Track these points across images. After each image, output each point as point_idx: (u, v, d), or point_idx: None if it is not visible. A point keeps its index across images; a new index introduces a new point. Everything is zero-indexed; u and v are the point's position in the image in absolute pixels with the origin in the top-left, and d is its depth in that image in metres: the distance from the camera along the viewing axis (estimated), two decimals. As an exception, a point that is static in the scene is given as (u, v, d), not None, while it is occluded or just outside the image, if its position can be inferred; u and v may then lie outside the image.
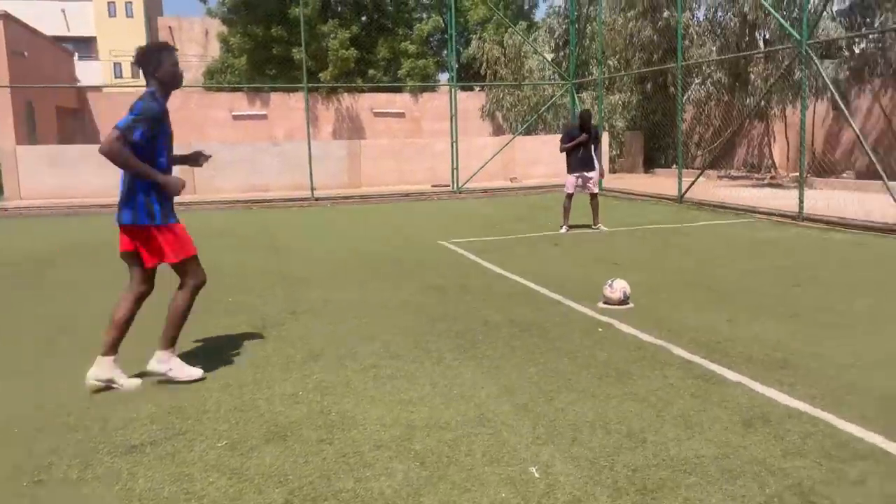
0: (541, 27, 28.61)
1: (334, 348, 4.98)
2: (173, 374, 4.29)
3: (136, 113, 4.01)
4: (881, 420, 3.51)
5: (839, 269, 7.32)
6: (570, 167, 10.75)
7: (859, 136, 10.84)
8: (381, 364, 4.60)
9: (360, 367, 4.55)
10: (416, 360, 4.67)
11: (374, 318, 5.80)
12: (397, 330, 5.44)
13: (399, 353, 4.85)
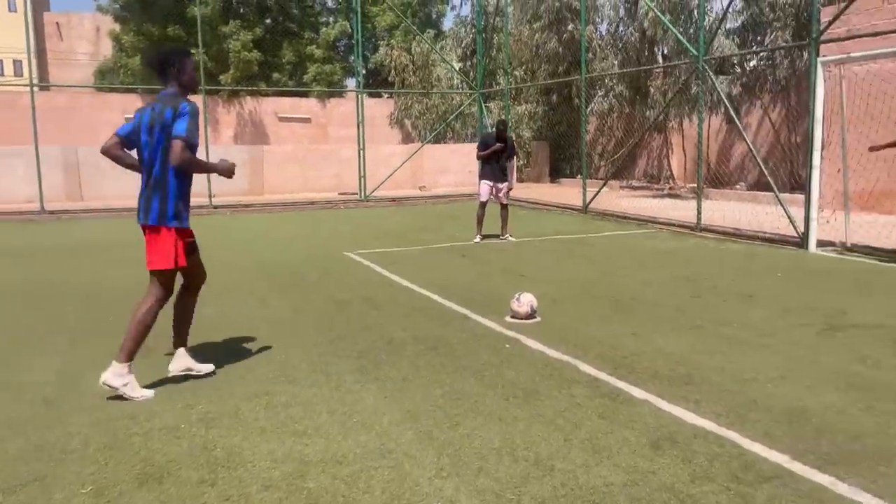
0: (448, 36, 28.70)
1: (224, 372, 4.61)
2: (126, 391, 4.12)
3: (189, 115, 4.11)
4: (785, 438, 3.49)
5: (735, 280, 7.50)
6: (483, 176, 10.68)
7: (752, 149, 11.28)
8: (274, 390, 4.27)
9: (252, 394, 4.20)
10: (314, 385, 4.36)
11: (271, 337, 5.44)
12: (296, 350, 5.11)
13: (296, 376, 4.53)
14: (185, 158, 4.09)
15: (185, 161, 4.10)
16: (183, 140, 4.06)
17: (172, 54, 4.32)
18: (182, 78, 4.30)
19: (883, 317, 5.84)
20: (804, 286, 7.15)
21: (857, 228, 9.50)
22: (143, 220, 4.22)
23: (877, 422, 3.67)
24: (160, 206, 4.17)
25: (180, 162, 4.08)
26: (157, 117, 4.15)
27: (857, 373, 4.45)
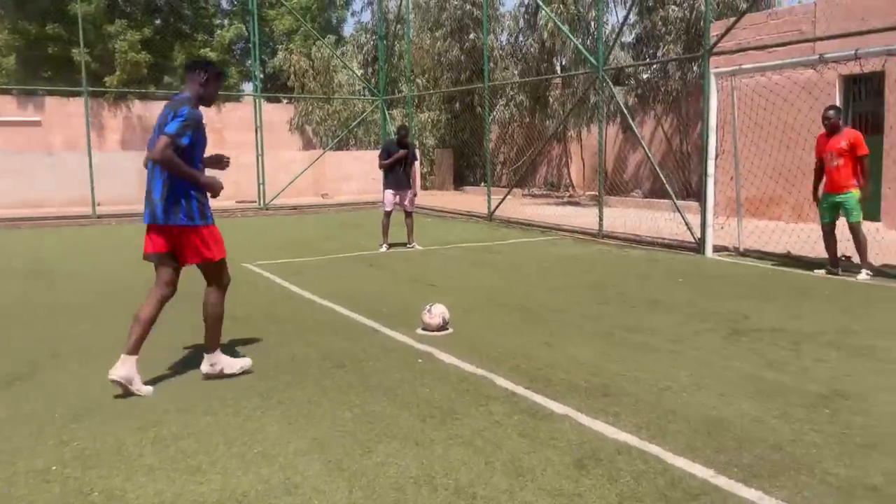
0: (349, 42, 28.29)
1: (106, 401, 4.13)
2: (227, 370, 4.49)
3: (184, 117, 4.16)
4: (707, 450, 3.42)
5: (640, 286, 7.57)
6: (387, 184, 10.42)
7: (651, 158, 11.57)
8: (164, 420, 3.85)
9: (138, 426, 3.76)
10: (208, 412, 3.96)
11: (160, 359, 4.96)
12: (188, 373, 4.67)
13: (188, 403, 4.11)
14: (166, 155, 4.10)
15: (165, 158, 4.10)
16: (168, 136, 4.10)
17: (209, 67, 4.49)
18: (204, 88, 4.42)
19: (782, 320, 6.00)
20: (705, 291, 7.30)
21: (748, 234, 9.87)
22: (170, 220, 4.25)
23: (792, 429, 3.67)
24: (186, 206, 4.27)
25: (159, 157, 4.10)
26: (162, 119, 4.27)
27: (765, 378, 4.49)
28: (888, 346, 5.16)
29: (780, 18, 12.52)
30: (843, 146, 7.74)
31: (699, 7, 14.99)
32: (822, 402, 4.04)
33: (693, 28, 15.40)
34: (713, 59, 9.82)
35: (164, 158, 4.11)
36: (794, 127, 11.15)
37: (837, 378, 4.47)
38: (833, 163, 7.82)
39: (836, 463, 3.25)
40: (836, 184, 7.83)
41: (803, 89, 11.44)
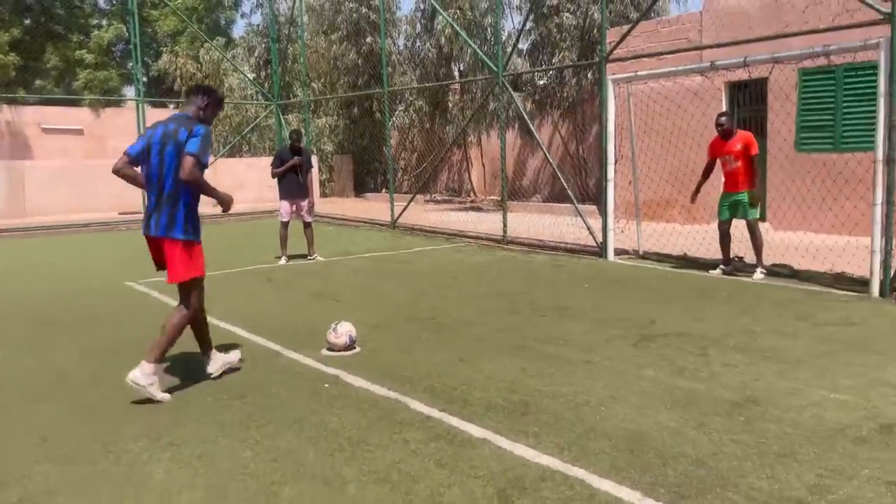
0: (239, 45, 27.32)
1: (-37, 455, 3.58)
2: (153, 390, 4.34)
3: (202, 135, 4.41)
4: (631, 470, 3.30)
5: (548, 293, 7.52)
6: (282, 194, 9.95)
7: (552, 162, 11.67)
8: (33, 472, 3.37)
9: (1, 481, 3.26)
10: (89, 459, 3.51)
11: (26, 397, 4.42)
12: (60, 412, 4.17)
13: (63, 449, 3.64)
14: (196, 175, 4.34)
15: (195, 177, 4.35)
16: (194, 157, 4.32)
17: (208, 91, 4.74)
18: (205, 111, 4.65)
19: (687, 323, 6.07)
20: (611, 296, 7.33)
21: (646, 237, 10.09)
22: (162, 232, 4.44)
23: (711, 440, 3.62)
24: (183, 221, 4.46)
25: (189, 177, 4.32)
26: (172, 136, 4.42)
27: (679, 386, 4.46)
28: (789, 347, 5.28)
29: (669, 27, 12.96)
30: (738, 148, 8.00)
31: (592, 15, 15.33)
32: (735, 410, 4.03)
33: (587, 35, 15.73)
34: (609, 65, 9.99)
35: (193, 178, 4.34)
36: (685, 131, 11.53)
37: (747, 383, 4.50)
38: (731, 165, 8.07)
39: (759, 476, 3.21)
40: (735, 182, 8.09)
41: (694, 95, 11.88)
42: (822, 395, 4.25)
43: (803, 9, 10.16)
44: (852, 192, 9.91)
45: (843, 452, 3.43)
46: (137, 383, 4.26)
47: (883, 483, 3.11)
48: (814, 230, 10.82)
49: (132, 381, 4.26)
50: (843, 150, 10.88)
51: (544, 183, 19.00)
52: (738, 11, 11.92)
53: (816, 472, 3.23)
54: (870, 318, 6.14)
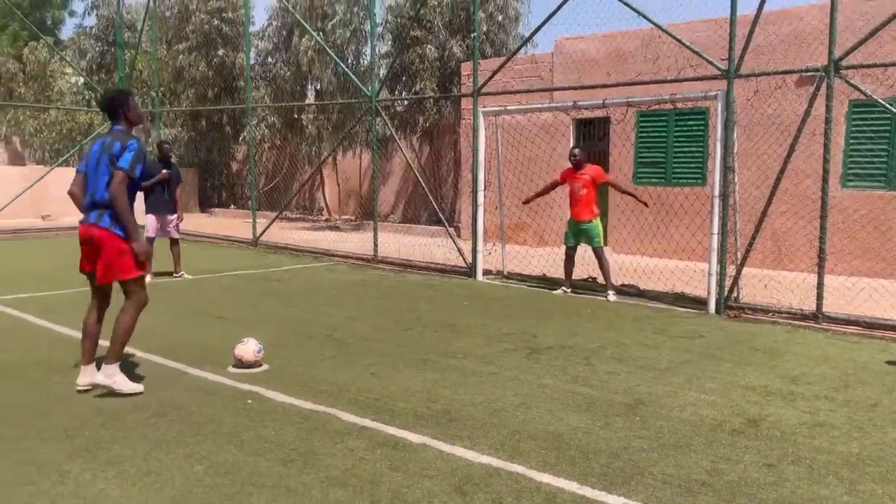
0: (69, 46, 25.42)
1: None
2: (118, 386, 4.65)
3: (135, 150, 4.62)
4: (562, 464, 3.74)
5: (432, 310, 7.89)
6: (148, 208, 9.55)
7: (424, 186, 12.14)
8: (-31, 499, 3.19)
9: (-64, 511, 3.07)
10: (26, 481, 3.36)
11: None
12: (-29, 438, 3.90)
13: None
14: (121, 191, 4.54)
15: (120, 195, 4.54)
16: (125, 172, 4.56)
17: (121, 95, 4.91)
18: (129, 114, 4.85)
19: (565, 337, 6.70)
20: (490, 313, 7.85)
21: (507, 258, 10.81)
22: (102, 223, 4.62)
23: (618, 437, 4.16)
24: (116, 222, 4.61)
25: (115, 191, 4.53)
26: (107, 148, 4.67)
27: (578, 392, 5.01)
28: (655, 356, 6.04)
29: (523, 64, 13.98)
30: (587, 178, 8.87)
31: (451, 48, 16.11)
32: (631, 411, 4.63)
33: (445, 66, 16.48)
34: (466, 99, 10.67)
35: (117, 194, 4.52)
36: (535, 161, 12.49)
37: (632, 388, 5.14)
38: (579, 192, 8.90)
39: (666, 465, 3.77)
40: (581, 211, 8.92)
41: (542, 129, 12.92)
42: (694, 396, 4.97)
43: (654, 59, 11.46)
44: (681, 223, 11.27)
45: (725, 443, 4.10)
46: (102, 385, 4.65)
47: (763, 465, 3.78)
48: (649, 255, 12.16)
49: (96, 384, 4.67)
50: (673, 184, 12.34)
51: (399, 204, 19.48)
52: (586, 56, 13.15)
53: (710, 459, 3.85)
54: (713, 331, 7.13)
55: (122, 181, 4.55)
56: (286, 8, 17.15)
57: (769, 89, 10.50)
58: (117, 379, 4.68)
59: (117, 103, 4.87)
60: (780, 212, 10.18)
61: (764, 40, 10.22)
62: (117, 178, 4.55)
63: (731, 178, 7.93)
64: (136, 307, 4.79)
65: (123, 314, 4.75)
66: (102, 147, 4.72)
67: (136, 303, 4.79)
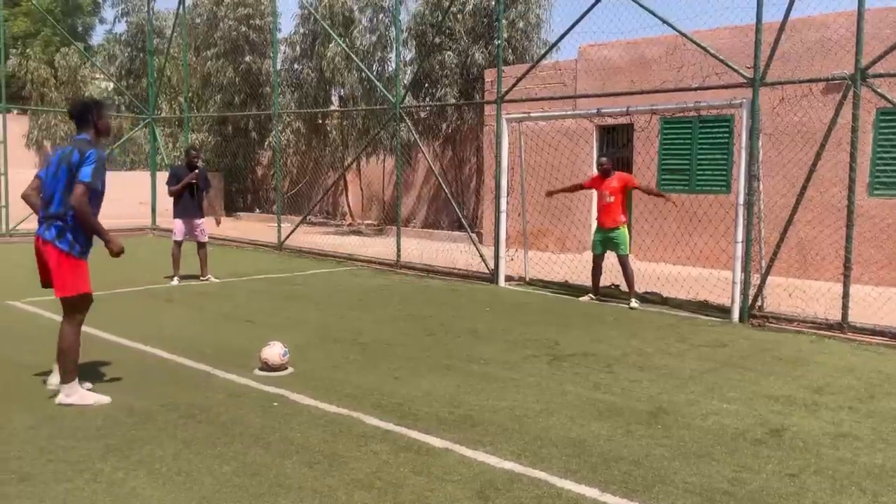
0: (99, 52, 25.92)
1: (-85, 480, 3.42)
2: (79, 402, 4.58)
3: (95, 161, 4.53)
4: (584, 471, 3.78)
5: (455, 316, 7.95)
6: (177, 213, 9.74)
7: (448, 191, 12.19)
8: (7, 493, 3.30)
9: (-23, 506, 3.19)
10: (61, 479, 3.47)
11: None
12: (5, 435, 4.02)
13: (28, 470, 3.57)
14: (84, 203, 4.48)
15: (84, 207, 4.48)
16: (85, 185, 4.47)
17: (92, 103, 4.89)
18: (99, 123, 4.79)
19: (587, 344, 6.72)
20: (513, 319, 7.88)
21: (529, 265, 10.83)
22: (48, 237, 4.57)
23: (640, 445, 4.19)
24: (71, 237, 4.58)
25: (78, 205, 4.46)
26: (66, 158, 4.58)
27: (600, 399, 5.03)
28: (678, 365, 6.04)
29: (546, 71, 14.01)
30: (615, 185, 8.88)
31: (473, 55, 16.18)
32: (653, 419, 4.64)
33: (467, 73, 16.55)
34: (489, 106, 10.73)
35: (81, 206, 4.46)
36: (558, 167, 12.51)
37: (654, 396, 5.15)
38: (607, 200, 8.92)
39: (688, 473, 3.79)
40: (609, 219, 8.94)
41: (565, 135, 12.93)
42: (716, 405, 4.97)
43: (678, 67, 11.44)
44: (704, 230, 11.22)
45: (747, 452, 4.11)
46: (64, 404, 4.59)
47: (785, 475, 3.79)
48: (672, 262, 12.11)
49: (61, 404, 4.60)
50: (697, 192, 12.29)
51: (421, 210, 19.58)
52: (610, 63, 13.16)
53: (732, 468, 3.86)
54: (736, 340, 7.10)
55: (82, 194, 4.47)
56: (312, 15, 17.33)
57: (795, 97, 10.42)
58: (76, 397, 4.62)
59: (88, 110, 4.81)
60: (806, 220, 10.11)
61: (790, 48, 10.16)
62: (78, 192, 4.46)
63: (756, 186, 7.90)
64: (72, 325, 4.70)
65: (64, 332, 4.68)
66: (62, 156, 4.64)
67: (71, 321, 4.71)
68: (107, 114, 4.90)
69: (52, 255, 4.61)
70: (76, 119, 4.81)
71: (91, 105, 4.87)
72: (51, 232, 4.59)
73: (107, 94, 23.20)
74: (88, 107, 4.84)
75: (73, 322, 4.72)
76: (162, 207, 15.89)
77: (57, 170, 4.61)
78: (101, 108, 4.87)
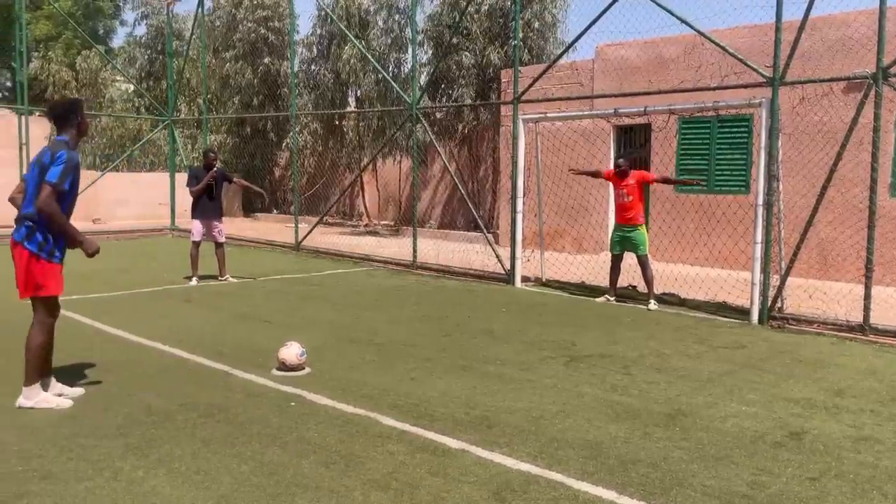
0: (119, 55, 26.19)
1: (-61, 477, 3.48)
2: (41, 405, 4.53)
3: (64, 162, 4.42)
4: (601, 473, 3.76)
5: (471, 317, 7.93)
6: (195, 213, 9.82)
7: (463, 192, 12.17)
8: (30, 490, 3.34)
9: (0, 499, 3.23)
10: (80, 477, 3.51)
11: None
12: (27, 433, 4.08)
13: (49, 468, 3.61)
14: (50, 206, 4.37)
15: (49, 208, 4.37)
16: (52, 186, 4.36)
17: (71, 104, 4.77)
18: (81, 124, 4.72)
19: (604, 346, 6.68)
20: (529, 320, 7.86)
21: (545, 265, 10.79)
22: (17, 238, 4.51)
23: (658, 447, 4.16)
24: (40, 238, 4.49)
25: (44, 207, 4.36)
26: (40, 158, 4.53)
27: (617, 401, 5.01)
28: (696, 367, 5.99)
29: (563, 71, 13.96)
30: (632, 184, 8.84)
31: (489, 56, 16.17)
32: (671, 422, 4.61)
33: (483, 73, 16.54)
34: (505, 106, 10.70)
35: (47, 208, 4.36)
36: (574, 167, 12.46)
37: (671, 399, 5.11)
38: (624, 199, 8.88)
39: (707, 476, 3.76)
40: (627, 217, 8.90)
41: (581, 135, 12.88)
42: (735, 408, 4.93)
43: (697, 67, 11.36)
44: (723, 231, 11.12)
45: (766, 455, 4.07)
46: (24, 406, 4.53)
47: (805, 479, 3.75)
48: (689, 262, 12.01)
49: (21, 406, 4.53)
50: (716, 192, 12.19)
51: (436, 210, 19.59)
52: (627, 62, 13.09)
53: (751, 472, 3.82)
54: (756, 341, 7.03)
55: (49, 195, 4.35)
56: (329, 16, 17.39)
57: (816, 97, 10.32)
58: (38, 399, 4.56)
59: (70, 111, 4.69)
60: (827, 221, 9.99)
61: (810, 47, 10.06)
62: (44, 193, 4.35)
63: (776, 186, 7.83)
64: (41, 328, 4.61)
65: (31, 335, 4.60)
66: (37, 157, 4.58)
67: (41, 323, 4.61)
68: (83, 113, 4.77)
69: (20, 256, 4.54)
70: (58, 120, 4.66)
71: (70, 106, 4.75)
72: (20, 233, 4.52)
73: (127, 96, 23.42)
74: (73, 107, 4.73)
75: (41, 325, 4.61)
76: (181, 208, 16.04)
77: (31, 171, 4.56)
78: (79, 108, 4.77)
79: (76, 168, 4.53)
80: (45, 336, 4.63)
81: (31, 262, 4.50)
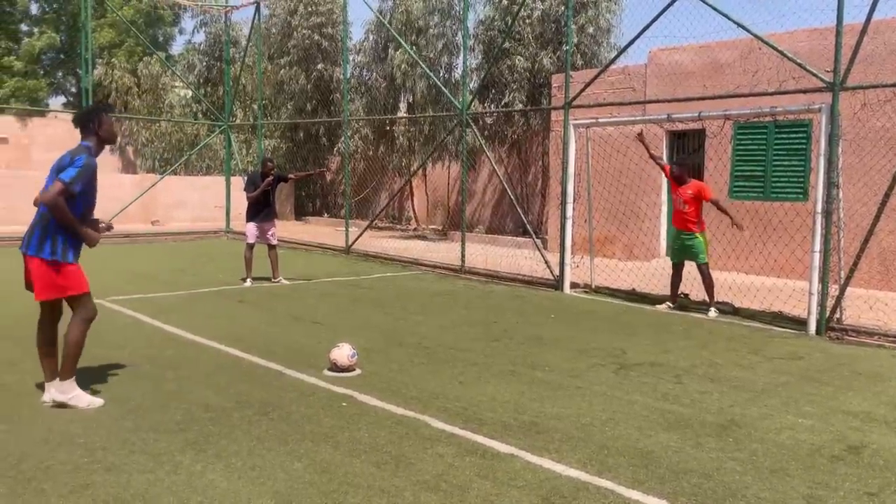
0: (178, 61, 26.97)
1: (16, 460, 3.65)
2: (74, 402, 4.60)
3: (80, 166, 4.47)
4: (652, 482, 3.73)
5: (519, 322, 7.93)
6: (249, 217, 10.07)
7: (513, 197, 12.18)
8: (94, 481, 3.49)
9: (67, 489, 3.38)
10: (142, 469, 3.65)
11: (49, 410, 4.46)
12: (94, 426, 4.25)
13: (112, 461, 3.76)
14: (59, 204, 4.37)
15: (54, 203, 4.37)
16: (63, 184, 4.39)
17: (95, 110, 4.82)
18: (101, 131, 4.71)
19: (655, 354, 6.60)
20: (578, 327, 7.82)
21: (595, 272, 10.70)
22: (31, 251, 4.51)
23: (710, 457, 4.10)
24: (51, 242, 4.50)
25: (49, 201, 4.37)
26: (60, 161, 4.57)
27: (669, 410, 4.95)
28: (750, 377, 5.87)
29: (616, 76, 13.85)
30: (689, 195, 8.73)
31: (541, 60, 16.13)
32: (724, 432, 4.54)
33: (535, 78, 16.50)
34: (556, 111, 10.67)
35: (54, 205, 4.39)
36: (626, 173, 12.35)
37: (724, 409, 5.03)
38: (682, 207, 8.79)
39: (760, 488, 3.69)
40: (684, 224, 8.81)
41: (633, 141, 12.70)
42: (791, 420, 4.82)
43: (753, 72, 11.15)
44: (779, 239, 10.85)
45: (824, 469, 3.97)
46: (58, 401, 4.58)
47: (864, 494, 3.65)
48: (745, 271, 11.76)
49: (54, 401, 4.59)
50: (772, 199, 11.89)
51: (484, 215, 19.61)
52: (681, 67, 12.91)
53: (808, 485, 3.74)
54: (813, 353, 6.86)
55: (57, 192, 4.36)
56: (382, 22, 17.60)
57: (878, 102, 10.00)
58: (72, 395, 4.61)
59: (89, 118, 4.72)
60: (889, 230, 9.68)
61: (872, 51, 9.77)
62: (54, 188, 4.37)
63: (836, 193, 7.63)
64: (82, 322, 4.65)
65: (71, 330, 4.62)
66: (59, 160, 4.61)
67: (83, 320, 4.66)
68: (108, 120, 4.76)
69: (37, 268, 4.55)
70: (80, 127, 4.72)
71: (89, 111, 4.82)
72: (32, 246, 4.52)
73: (185, 102, 24.08)
74: (91, 114, 4.75)
75: (83, 321, 4.66)
76: (235, 211, 16.42)
77: (50, 174, 4.58)
78: (100, 114, 4.76)
79: (93, 173, 4.55)
80: (84, 332, 4.67)
81: (48, 268, 4.51)
